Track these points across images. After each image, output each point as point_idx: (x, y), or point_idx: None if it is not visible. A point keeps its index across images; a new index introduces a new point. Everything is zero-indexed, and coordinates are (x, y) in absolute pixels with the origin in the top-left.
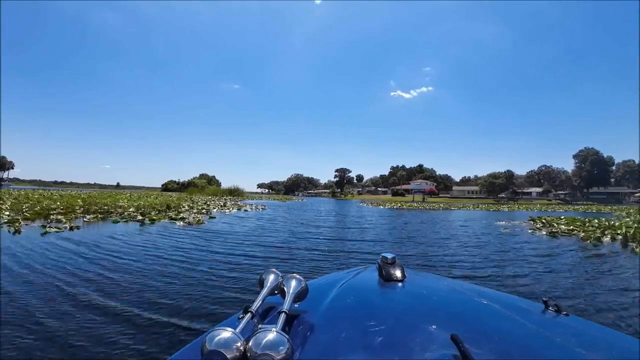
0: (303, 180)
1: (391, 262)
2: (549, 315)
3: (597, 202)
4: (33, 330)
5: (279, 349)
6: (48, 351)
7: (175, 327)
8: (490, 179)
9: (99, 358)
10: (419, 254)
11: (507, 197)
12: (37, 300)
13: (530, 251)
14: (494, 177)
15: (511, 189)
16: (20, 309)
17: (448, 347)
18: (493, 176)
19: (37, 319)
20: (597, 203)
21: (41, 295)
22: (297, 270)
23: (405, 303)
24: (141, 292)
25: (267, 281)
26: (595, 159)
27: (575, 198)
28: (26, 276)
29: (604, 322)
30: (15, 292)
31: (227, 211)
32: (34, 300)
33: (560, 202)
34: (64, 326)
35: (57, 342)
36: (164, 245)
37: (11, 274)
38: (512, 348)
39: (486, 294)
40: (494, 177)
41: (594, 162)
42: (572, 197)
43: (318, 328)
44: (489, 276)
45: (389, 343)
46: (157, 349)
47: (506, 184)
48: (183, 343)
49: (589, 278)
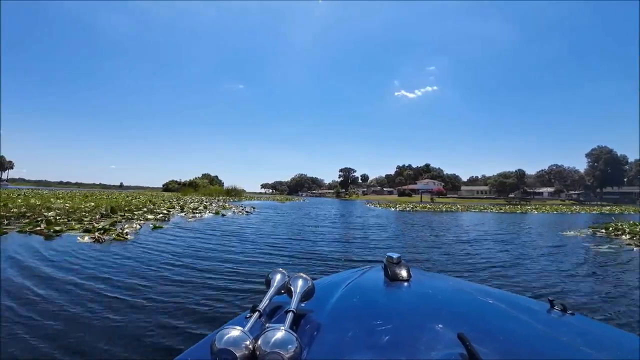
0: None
1: (397, 261)
2: (555, 314)
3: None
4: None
5: (287, 348)
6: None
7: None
8: (500, 178)
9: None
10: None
11: (519, 198)
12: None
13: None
14: (504, 177)
15: (522, 189)
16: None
17: (454, 347)
18: (503, 176)
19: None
20: (612, 203)
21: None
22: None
23: (411, 302)
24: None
25: (274, 280)
26: (609, 158)
27: (588, 198)
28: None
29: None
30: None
31: (197, 216)
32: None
33: (575, 203)
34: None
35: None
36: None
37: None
38: (518, 347)
39: (492, 294)
40: (504, 176)
41: (607, 161)
42: (584, 197)
43: (325, 327)
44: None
45: (395, 342)
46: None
47: (517, 184)
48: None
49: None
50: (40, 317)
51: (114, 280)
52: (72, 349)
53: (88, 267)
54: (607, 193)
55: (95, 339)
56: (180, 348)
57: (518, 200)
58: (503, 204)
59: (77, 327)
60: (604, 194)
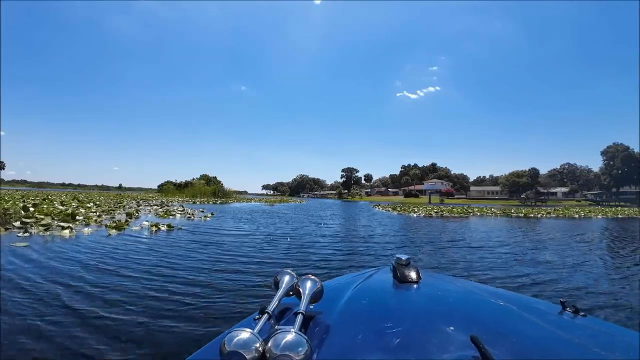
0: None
1: (405, 263)
2: (567, 316)
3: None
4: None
5: (298, 350)
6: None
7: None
8: (513, 177)
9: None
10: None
11: (533, 198)
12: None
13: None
14: (517, 176)
15: (535, 188)
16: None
17: (466, 349)
18: (516, 175)
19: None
20: (629, 203)
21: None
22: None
23: (421, 304)
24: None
25: (282, 282)
26: (626, 156)
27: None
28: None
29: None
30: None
31: (120, 229)
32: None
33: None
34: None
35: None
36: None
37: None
38: (530, 349)
39: (502, 295)
40: (517, 175)
41: (624, 159)
42: (600, 198)
43: (334, 329)
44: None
45: (406, 344)
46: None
47: (531, 183)
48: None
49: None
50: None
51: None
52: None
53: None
54: (624, 193)
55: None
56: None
57: (534, 202)
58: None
59: None
60: (620, 193)
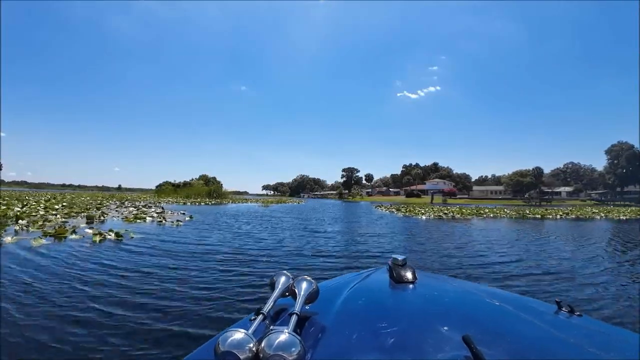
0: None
1: (402, 263)
2: (562, 316)
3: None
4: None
5: (291, 350)
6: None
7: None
8: (517, 177)
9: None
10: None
11: (537, 198)
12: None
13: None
14: (520, 175)
15: (539, 188)
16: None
17: (460, 349)
18: (520, 174)
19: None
20: (634, 203)
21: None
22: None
23: (416, 304)
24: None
25: (278, 283)
26: (631, 154)
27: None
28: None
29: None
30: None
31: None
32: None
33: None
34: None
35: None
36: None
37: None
38: (524, 349)
39: (498, 295)
40: (521, 175)
41: (629, 158)
42: (605, 197)
43: (329, 329)
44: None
45: (400, 344)
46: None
47: (535, 183)
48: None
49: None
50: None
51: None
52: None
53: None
54: (628, 192)
55: None
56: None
57: (537, 201)
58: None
59: None
60: (625, 193)
